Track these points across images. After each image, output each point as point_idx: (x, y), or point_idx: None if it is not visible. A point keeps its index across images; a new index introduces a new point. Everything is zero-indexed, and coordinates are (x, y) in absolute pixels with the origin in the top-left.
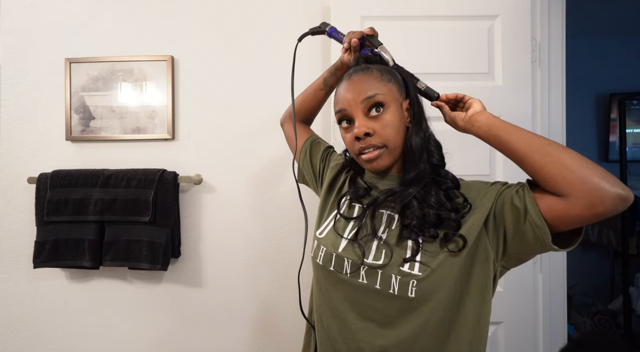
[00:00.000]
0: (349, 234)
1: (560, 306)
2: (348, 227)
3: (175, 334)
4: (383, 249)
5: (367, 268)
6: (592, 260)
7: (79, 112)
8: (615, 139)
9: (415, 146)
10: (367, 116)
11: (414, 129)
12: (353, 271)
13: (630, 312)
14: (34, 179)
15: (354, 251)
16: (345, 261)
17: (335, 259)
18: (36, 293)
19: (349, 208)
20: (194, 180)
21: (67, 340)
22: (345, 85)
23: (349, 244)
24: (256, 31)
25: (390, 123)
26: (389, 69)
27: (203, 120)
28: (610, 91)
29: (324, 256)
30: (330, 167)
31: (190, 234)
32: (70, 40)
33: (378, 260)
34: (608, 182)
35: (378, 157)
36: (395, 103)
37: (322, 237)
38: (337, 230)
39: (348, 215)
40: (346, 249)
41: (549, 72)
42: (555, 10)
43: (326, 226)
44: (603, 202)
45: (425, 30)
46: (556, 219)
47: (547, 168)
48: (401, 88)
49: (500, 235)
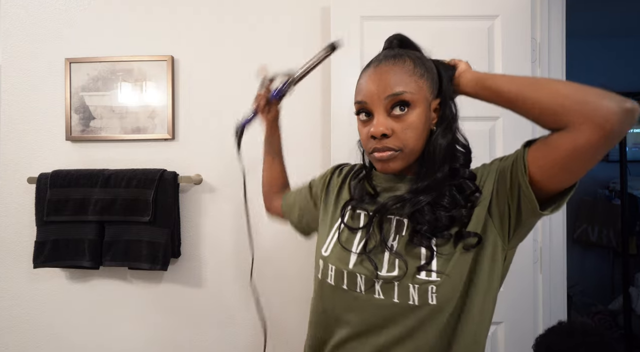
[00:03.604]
0: (358, 247)
1: (560, 306)
2: (356, 239)
3: (175, 334)
4: (396, 259)
5: (383, 282)
6: (592, 260)
7: (79, 112)
8: None
9: (439, 150)
10: (388, 114)
11: (441, 131)
12: (368, 287)
13: (630, 312)
14: (34, 179)
15: (366, 266)
16: (359, 277)
17: (347, 277)
18: (36, 293)
19: (352, 218)
20: (194, 180)
21: (67, 340)
22: (370, 74)
23: (359, 258)
24: (256, 31)
25: (413, 126)
26: (425, 59)
27: (203, 120)
28: (610, 91)
29: (335, 275)
30: (320, 190)
31: (190, 234)
32: (70, 40)
33: (392, 271)
34: (608, 97)
35: (390, 159)
36: (424, 103)
37: (329, 255)
38: (344, 243)
39: (353, 225)
40: (357, 264)
41: (549, 72)
42: (555, 10)
43: (330, 240)
44: (609, 119)
45: (425, 30)
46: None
47: (542, 101)
48: (434, 85)
49: (505, 217)
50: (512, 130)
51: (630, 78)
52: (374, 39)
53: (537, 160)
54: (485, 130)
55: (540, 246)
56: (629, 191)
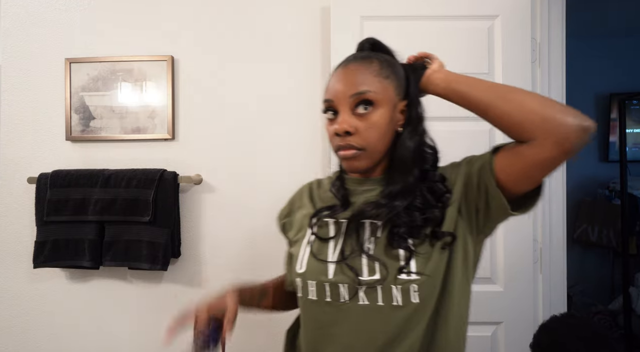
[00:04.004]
0: (334, 256)
1: (560, 306)
2: (329, 249)
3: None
4: (375, 262)
5: (366, 287)
6: (592, 260)
7: (79, 112)
8: (615, 139)
9: (408, 153)
10: (353, 112)
11: (408, 133)
12: (352, 295)
13: (630, 312)
14: (34, 179)
15: (346, 273)
16: (341, 286)
17: (330, 288)
18: (36, 293)
19: (320, 228)
20: (194, 180)
21: (68, 340)
22: (338, 74)
23: (337, 267)
24: (256, 31)
25: (377, 125)
26: (393, 61)
27: (203, 120)
28: (610, 91)
29: (316, 290)
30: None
31: (190, 234)
32: (70, 40)
33: (374, 275)
34: (572, 115)
35: (354, 157)
36: (388, 104)
37: (305, 271)
38: (318, 255)
39: (324, 235)
40: (337, 273)
41: (549, 72)
42: (555, 10)
43: (302, 256)
44: (569, 138)
45: (425, 30)
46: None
47: (511, 115)
48: (400, 87)
49: (473, 217)
50: None
51: (630, 78)
52: None
53: (504, 168)
54: (485, 130)
55: (540, 246)
56: (629, 191)
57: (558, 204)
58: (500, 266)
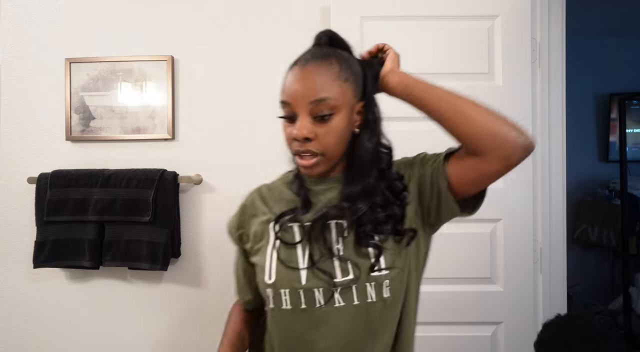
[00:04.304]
0: (304, 261)
1: (560, 306)
2: (298, 254)
3: (175, 334)
4: (347, 262)
5: (341, 288)
6: (592, 260)
7: (79, 112)
8: (615, 139)
9: (366, 154)
10: (312, 118)
11: (365, 134)
12: (327, 298)
13: (630, 312)
14: (34, 179)
15: (320, 277)
16: (316, 291)
17: (304, 295)
18: (36, 293)
19: (285, 232)
20: (194, 180)
21: (68, 340)
22: (296, 73)
23: (309, 272)
24: (256, 31)
25: (335, 131)
26: (351, 60)
27: (203, 120)
28: (610, 91)
29: (290, 298)
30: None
31: (190, 234)
32: (70, 40)
33: (347, 276)
34: (519, 133)
35: (314, 165)
36: (346, 108)
37: (276, 280)
38: (288, 262)
39: (290, 241)
40: (310, 278)
41: (549, 72)
42: (555, 10)
43: (269, 266)
44: (516, 154)
45: (425, 30)
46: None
47: (460, 127)
48: (358, 88)
49: (426, 215)
50: None
51: (630, 78)
52: (374, 39)
53: (455, 175)
54: None
55: (540, 246)
56: (629, 191)
57: (558, 204)
58: (500, 266)
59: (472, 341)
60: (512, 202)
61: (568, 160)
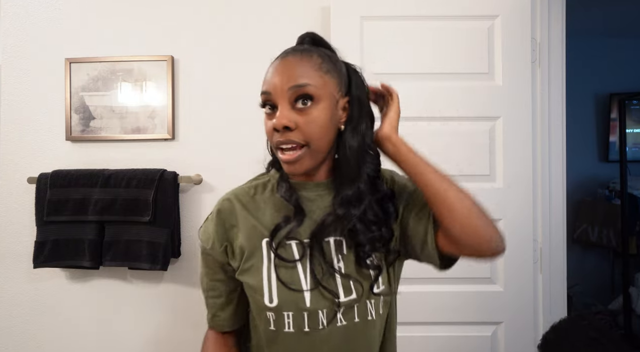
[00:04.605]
0: (307, 282)
1: (560, 306)
2: (299, 274)
3: (175, 334)
4: (350, 281)
5: (344, 308)
6: (592, 260)
7: (79, 112)
8: (615, 139)
9: (350, 152)
10: (292, 107)
11: (349, 132)
12: (330, 319)
13: (630, 312)
14: (34, 179)
15: (324, 297)
16: (320, 313)
17: (308, 317)
18: (36, 293)
19: (283, 249)
20: (194, 180)
21: (68, 340)
22: (276, 65)
23: (313, 293)
24: (256, 31)
25: (318, 120)
26: (334, 57)
27: (203, 120)
28: (610, 91)
29: (293, 321)
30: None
31: (190, 234)
32: (70, 40)
33: (350, 295)
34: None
35: (298, 160)
36: (329, 99)
37: (278, 304)
38: (290, 284)
39: (289, 259)
40: (313, 299)
41: (549, 72)
42: (555, 10)
43: (268, 287)
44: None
45: (425, 30)
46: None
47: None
48: (342, 83)
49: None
50: (512, 130)
51: (630, 78)
52: (374, 39)
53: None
54: (485, 130)
55: (540, 246)
56: (629, 191)
57: (558, 204)
58: (500, 266)
59: (472, 341)
60: (512, 202)
61: (568, 160)
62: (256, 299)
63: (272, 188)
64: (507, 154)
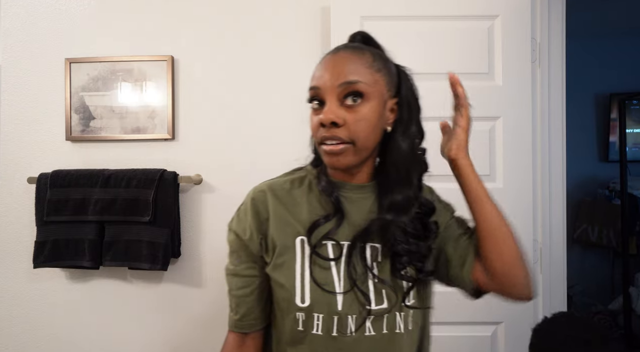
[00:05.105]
0: (342, 285)
1: (560, 306)
2: (333, 276)
3: (176, 334)
4: (383, 290)
5: (374, 317)
6: (592, 260)
7: (79, 112)
8: (615, 139)
9: (402, 155)
10: (341, 103)
11: (399, 133)
12: (358, 325)
13: (630, 312)
14: (34, 179)
15: (357, 301)
16: (350, 318)
17: (338, 322)
18: (36, 293)
19: (319, 249)
20: (194, 180)
21: (67, 340)
22: (327, 61)
23: (345, 297)
24: (256, 31)
25: (366, 118)
26: (385, 56)
27: (203, 120)
28: (610, 91)
29: (322, 323)
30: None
31: (190, 234)
32: (70, 40)
33: (381, 304)
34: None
35: (341, 153)
36: (379, 98)
37: (310, 304)
38: (324, 285)
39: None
40: (345, 303)
41: (549, 72)
42: (555, 10)
43: (301, 287)
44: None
45: (425, 30)
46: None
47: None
48: (392, 83)
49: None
50: (512, 131)
51: (630, 78)
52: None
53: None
54: (485, 130)
55: (540, 246)
56: (629, 191)
57: (558, 204)
58: None
59: (472, 341)
60: (512, 202)
61: (568, 160)
62: (286, 298)
63: (309, 184)
64: (507, 154)
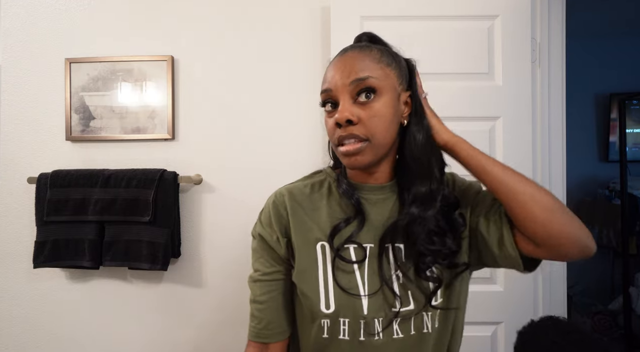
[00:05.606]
0: (366, 288)
1: (560, 306)
2: (358, 279)
3: (175, 334)
4: (409, 291)
5: (400, 318)
6: (592, 260)
7: (79, 112)
8: (615, 139)
9: (420, 146)
10: (354, 101)
11: (414, 125)
12: (384, 327)
13: (630, 312)
14: (34, 179)
15: (382, 305)
16: (376, 321)
17: (364, 326)
18: (36, 293)
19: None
20: (194, 180)
21: (67, 340)
22: (336, 62)
23: (371, 300)
24: (256, 31)
25: (381, 114)
26: (394, 52)
27: (203, 120)
28: (610, 91)
29: (349, 329)
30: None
31: (190, 234)
32: (70, 40)
33: (408, 305)
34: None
35: (359, 152)
36: (392, 92)
37: (336, 310)
38: (349, 289)
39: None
40: (371, 306)
41: (549, 72)
42: (555, 10)
43: (325, 293)
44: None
45: (425, 30)
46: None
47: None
48: (403, 76)
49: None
50: (512, 130)
51: (630, 78)
52: None
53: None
54: (485, 130)
55: None
56: (629, 191)
57: None
58: None
59: (472, 340)
60: None
61: (568, 160)
62: (310, 305)
63: (329, 187)
64: (507, 154)
